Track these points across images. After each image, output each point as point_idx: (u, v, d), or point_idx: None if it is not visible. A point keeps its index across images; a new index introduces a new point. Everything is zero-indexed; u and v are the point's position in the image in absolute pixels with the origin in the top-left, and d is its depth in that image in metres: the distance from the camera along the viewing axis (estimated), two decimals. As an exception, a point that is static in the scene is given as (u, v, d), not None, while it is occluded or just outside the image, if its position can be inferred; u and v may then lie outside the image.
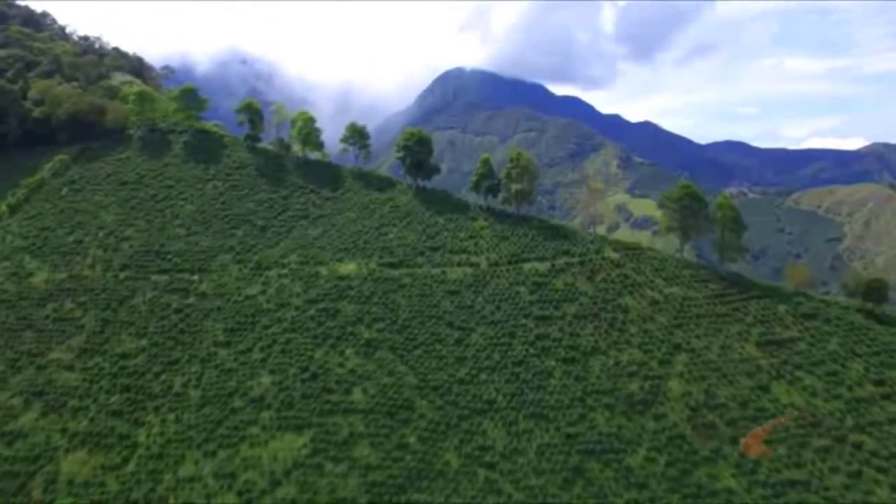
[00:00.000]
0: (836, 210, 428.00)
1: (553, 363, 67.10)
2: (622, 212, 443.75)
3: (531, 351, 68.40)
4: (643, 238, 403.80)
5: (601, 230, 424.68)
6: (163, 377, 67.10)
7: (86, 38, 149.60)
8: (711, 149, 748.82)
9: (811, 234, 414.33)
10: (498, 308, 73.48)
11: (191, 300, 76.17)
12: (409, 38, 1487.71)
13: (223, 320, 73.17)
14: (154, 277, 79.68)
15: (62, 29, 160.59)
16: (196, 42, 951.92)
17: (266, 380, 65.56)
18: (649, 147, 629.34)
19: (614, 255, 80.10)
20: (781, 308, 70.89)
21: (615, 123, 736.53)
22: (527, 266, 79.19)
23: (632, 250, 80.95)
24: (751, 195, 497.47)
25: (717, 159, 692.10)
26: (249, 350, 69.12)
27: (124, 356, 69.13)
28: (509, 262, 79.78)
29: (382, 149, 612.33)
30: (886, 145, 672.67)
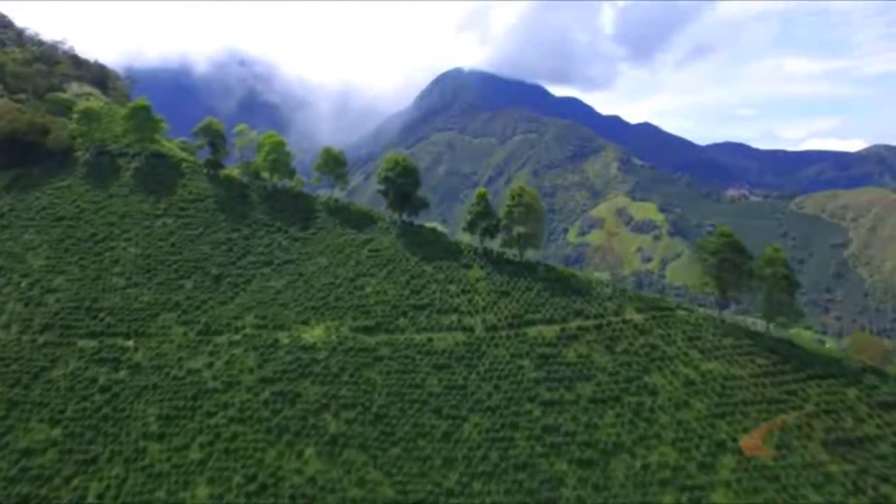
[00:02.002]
0: (841, 214, 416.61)
1: (565, 466, 53.37)
2: (623, 215, 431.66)
3: (538, 449, 54.62)
4: (644, 242, 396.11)
5: (601, 236, 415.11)
6: (74, 483, 53.21)
7: (40, 44, 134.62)
8: (711, 150, 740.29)
9: (815, 238, 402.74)
10: (496, 388, 59.68)
11: (121, 374, 62.28)
12: (409, 38, 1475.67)
13: (158, 403, 59.28)
14: (80, 343, 65.74)
15: (19, 34, 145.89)
16: (194, 43, 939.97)
17: (203, 492, 51.69)
18: (649, 148, 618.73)
19: (638, 318, 66.23)
20: (851, 393, 57.03)
21: (615, 124, 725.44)
22: (531, 331, 65.37)
23: (659, 311, 67.06)
24: (752, 198, 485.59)
25: (717, 161, 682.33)
26: (186, 447, 55.23)
27: (29, 452, 55.20)
28: (510, 326, 65.95)
29: (379, 151, 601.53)
30: (887, 147, 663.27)
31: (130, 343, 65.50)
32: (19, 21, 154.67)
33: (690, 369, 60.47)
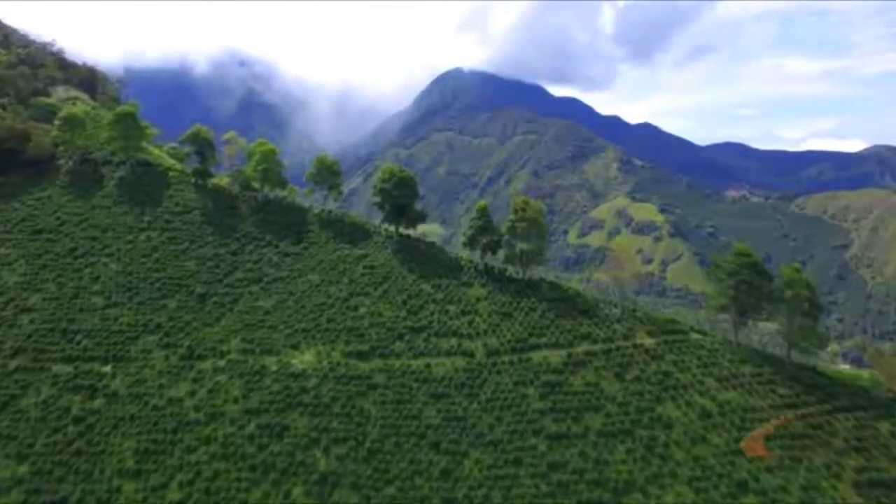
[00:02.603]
0: (842, 216, 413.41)
1: (574, 508, 49.28)
2: (622, 216, 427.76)
3: (543, 488, 50.54)
4: (644, 243, 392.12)
5: (601, 237, 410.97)
6: (42, 527, 49.12)
7: (27, 45, 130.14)
8: (711, 150, 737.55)
9: (816, 240, 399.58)
10: (498, 420, 55.62)
11: (97, 403, 58.04)
12: (408, 38, 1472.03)
13: (136, 436, 55.07)
14: (55, 368, 61.54)
15: (6, 34, 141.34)
16: (194, 43, 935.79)
17: (181, 538, 47.65)
18: (649, 148, 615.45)
19: (649, 342, 62.19)
20: (883, 428, 52.99)
21: (614, 125, 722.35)
22: (536, 356, 61.30)
23: (672, 335, 63.01)
24: (753, 199, 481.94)
25: (717, 161, 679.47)
26: (164, 486, 51.06)
27: (-8, 493, 51.11)
28: (513, 350, 61.89)
29: (379, 151, 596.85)
30: (888, 147, 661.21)
31: (108, 368, 61.28)
32: (16, 21, 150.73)
33: (707, 399, 56.42)
